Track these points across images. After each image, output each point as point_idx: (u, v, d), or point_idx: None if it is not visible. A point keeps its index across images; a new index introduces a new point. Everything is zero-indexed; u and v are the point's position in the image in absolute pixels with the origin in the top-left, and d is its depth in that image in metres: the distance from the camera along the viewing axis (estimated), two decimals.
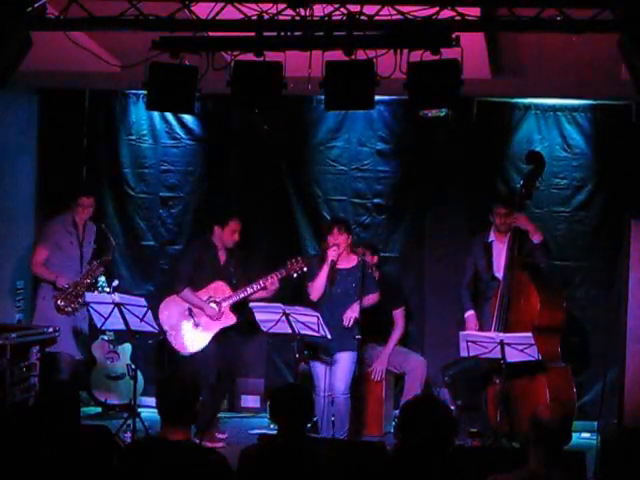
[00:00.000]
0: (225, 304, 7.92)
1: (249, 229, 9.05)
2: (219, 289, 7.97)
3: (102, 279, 8.30)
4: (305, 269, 7.93)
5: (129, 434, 7.39)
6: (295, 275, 7.96)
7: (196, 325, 7.94)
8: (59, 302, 8.13)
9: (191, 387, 4.57)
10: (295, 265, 7.91)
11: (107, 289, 8.29)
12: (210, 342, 7.92)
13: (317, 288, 7.77)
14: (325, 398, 7.76)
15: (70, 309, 8.13)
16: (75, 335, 8.20)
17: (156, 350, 8.67)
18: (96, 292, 8.12)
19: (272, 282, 7.88)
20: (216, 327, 7.93)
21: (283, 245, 8.57)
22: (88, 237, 8.42)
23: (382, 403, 8.24)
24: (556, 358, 7.67)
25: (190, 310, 7.94)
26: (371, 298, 7.79)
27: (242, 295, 7.90)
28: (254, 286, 7.87)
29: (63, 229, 8.31)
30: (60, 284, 8.11)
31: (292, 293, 8.66)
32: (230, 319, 7.95)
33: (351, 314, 7.63)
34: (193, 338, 7.93)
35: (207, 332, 7.93)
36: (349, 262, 7.85)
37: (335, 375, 7.76)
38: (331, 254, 7.69)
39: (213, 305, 7.91)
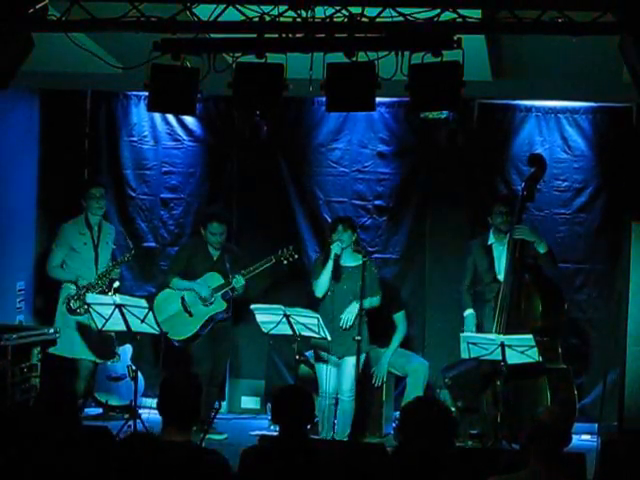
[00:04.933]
0: (217, 293, 8.15)
1: (250, 230, 9.09)
2: (214, 279, 8.18)
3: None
4: (296, 256, 8.19)
5: None
6: (285, 262, 8.19)
7: (189, 313, 8.15)
8: (71, 304, 8.17)
9: (194, 388, 4.57)
10: (286, 252, 8.16)
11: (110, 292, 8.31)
12: (205, 338, 8.17)
13: (322, 284, 7.82)
14: (328, 400, 7.79)
15: (82, 311, 8.14)
16: (93, 336, 8.22)
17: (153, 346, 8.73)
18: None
19: (237, 280, 8.06)
20: (207, 313, 8.16)
21: (284, 246, 8.53)
22: (105, 238, 8.45)
23: (382, 405, 8.23)
24: (556, 360, 7.68)
25: (183, 299, 8.14)
26: (373, 301, 7.86)
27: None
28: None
29: (75, 231, 8.37)
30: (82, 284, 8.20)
31: (292, 294, 8.69)
32: (220, 306, 8.19)
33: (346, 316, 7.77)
34: (185, 323, 8.15)
35: (198, 318, 8.16)
36: (355, 260, 7.89)
37: (342, 378, 7.79)
38: (334, 248, 7.73)
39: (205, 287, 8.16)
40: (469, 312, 8.06)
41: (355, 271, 7.86)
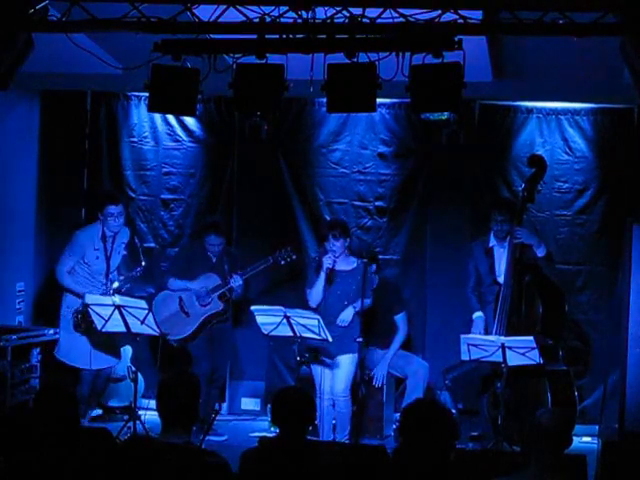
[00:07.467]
0: (214, 294, 8.14)
1: (250, 231, 9.08)
2: (211, 279, 8.17)
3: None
4: (294, 257, 8.17)
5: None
6: (283, 262, 8.17)
7: (186, 314, 8.17)
8: (79, 316, 8.04)
9: (192, 388, 4.56)
10: (283, 253, 8.13)
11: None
12: (203, 338, 8.20)
13: (315, 296, 7.79)
14: (326, 401, 7.77)
15: (85, 327, 8.04)
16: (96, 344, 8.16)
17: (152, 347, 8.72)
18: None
19: (234, 279, 8.08)
20: (204, 313, 8.17)
21: (282, 247, 8.53)
22: (118, 247, 8.29)
23: (383, 406, 8.22)
24: (557, 361, 7.67)
25: (180, 299, 8.17)
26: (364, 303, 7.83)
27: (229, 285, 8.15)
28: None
29: (90, 244, 8.16)
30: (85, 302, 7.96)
31: (293, 295, 8.67)
32: (217, 306, 8.18)
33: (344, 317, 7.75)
34: (182, 323, 8.16)
35: (195, 318, 8.17)
36: (348, 264, 7.85)
37: (336, 377, 7.77)
38: (326, 262, 7.70)
39: (200, 287, 8.16)
40: (478, 315, 8.04)
41: (348, 275, 7.83)
